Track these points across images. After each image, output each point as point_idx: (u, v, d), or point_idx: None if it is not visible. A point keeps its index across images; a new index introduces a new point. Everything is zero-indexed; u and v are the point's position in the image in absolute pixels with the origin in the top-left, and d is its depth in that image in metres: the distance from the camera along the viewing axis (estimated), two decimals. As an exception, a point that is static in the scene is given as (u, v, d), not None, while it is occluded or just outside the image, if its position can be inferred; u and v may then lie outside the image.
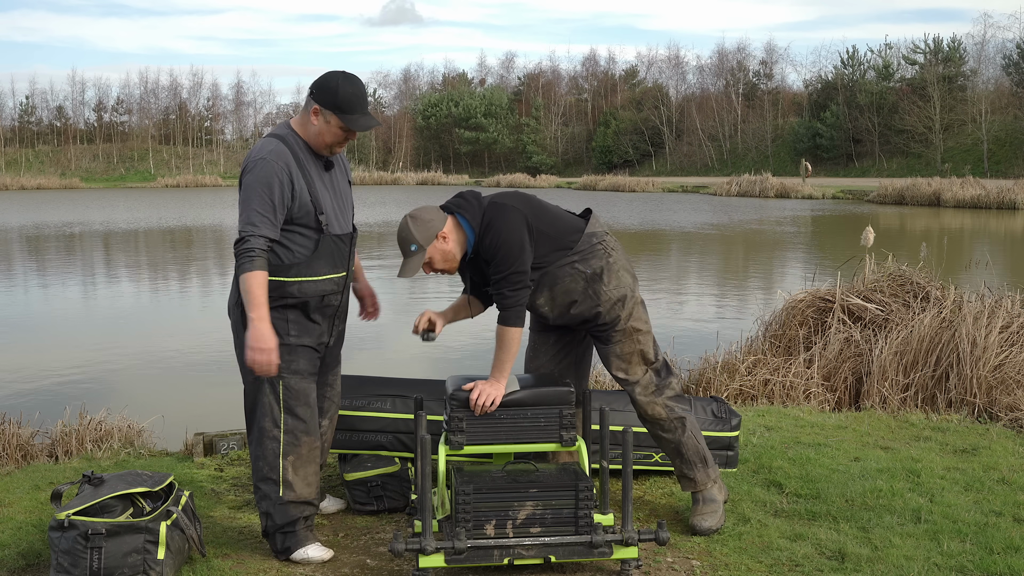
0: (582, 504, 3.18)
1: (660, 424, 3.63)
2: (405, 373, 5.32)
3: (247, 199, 3.22)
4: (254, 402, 3.37)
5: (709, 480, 3.69)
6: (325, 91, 3.28)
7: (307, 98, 3.35)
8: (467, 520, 3.15)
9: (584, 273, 3.46)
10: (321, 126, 3.31)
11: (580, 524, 3.19)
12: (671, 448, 3.68)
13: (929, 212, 31.37)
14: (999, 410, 5.43)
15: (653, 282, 14.25)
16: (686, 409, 3.66)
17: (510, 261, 3.33)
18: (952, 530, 3.62)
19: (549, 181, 63.40)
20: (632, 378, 3.59)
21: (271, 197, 3.20)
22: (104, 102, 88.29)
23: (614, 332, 3.53)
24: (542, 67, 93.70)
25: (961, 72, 64.41)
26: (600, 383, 6.00)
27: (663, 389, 3.61)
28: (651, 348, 3.61)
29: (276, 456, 3.35)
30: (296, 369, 3.35)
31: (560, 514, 3.19)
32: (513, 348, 3.35)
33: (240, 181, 3.31)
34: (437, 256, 3.41)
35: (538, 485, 3.20)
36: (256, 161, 3.25)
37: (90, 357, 8.57)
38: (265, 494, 3.37)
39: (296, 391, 3.36)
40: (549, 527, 3.19)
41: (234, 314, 3.37)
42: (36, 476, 4.44)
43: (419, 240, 3.38)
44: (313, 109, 3.30)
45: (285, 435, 3.34)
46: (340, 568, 3.34)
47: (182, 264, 17.23)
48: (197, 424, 5.28)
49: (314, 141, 3.34)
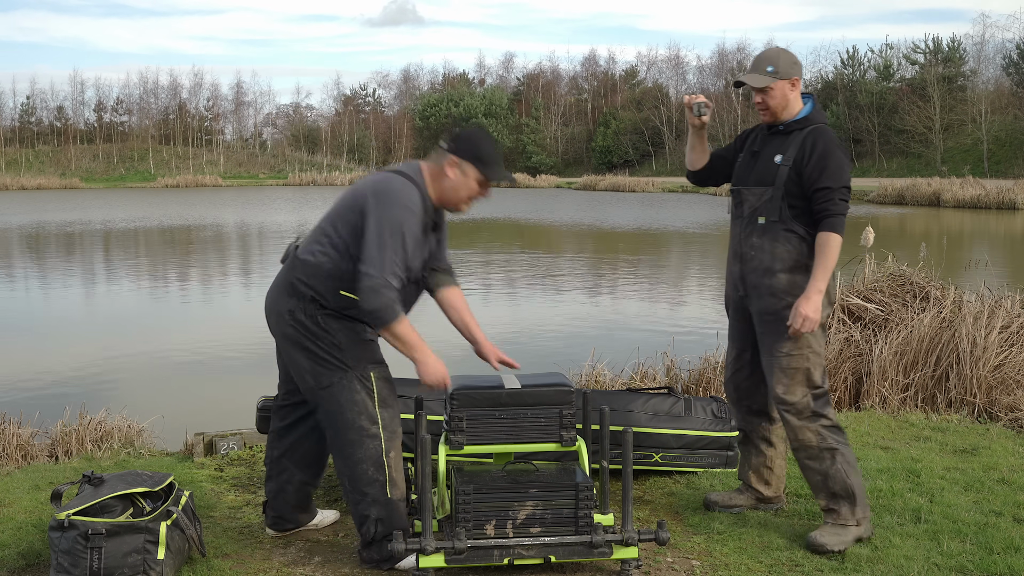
0: (582, 504, 3.18)
1: (808, 450, 3.51)
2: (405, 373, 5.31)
3: (385, 240, 3.08)
4: (339, 405, 3.24)
5: (854, 519, 3.50)
6: (465, 142, 3.26)
7: (439, 151, 3.29)
8: (467, 520, 3.15)
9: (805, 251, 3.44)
10: (458, 179, 3.25)
11: (580, 524, 3.19)
12: (818, 479, 3.53)
13: (929, 212, 31.36)
14: (999, 410, 5.43)
15: (653, 282, 14.25)
16: (841, 442, 3.52)
17: (841, 173, 3.38)
18: (952, 530, 3.62)
19: (549, 181, 63.42)
20: (790, 398, 3.48)
21: (406, 247, 3.11)
22: (104, 102, 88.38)
23: (787, 340, 3.46)
24: (542, 67, 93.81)
25: (961, 72, 64.43)
26: (600, 383, 6.00)
27: (818, 416, 3.50)
28: (818, 373, 3.50)
29: (380, 454, 3.25)
30: (379, 359, 3.30)
31: (560, 514, 3.19)
32: (835, 258, 3.36)
33: (359, 199, 3.18)
34: (778, 94, 3.48)
35: (538, 485, 3.20)
36: (403, 208, 3.13)
37: (90, 357, 8.57)
38: (374, 499, 3.24)
39: (387, 380, 3.31)
40: (549, 527, 3.19)
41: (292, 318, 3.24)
42: (36, 476, 4.44)
43: (780, 68, 3.47)
44: (450, 161, 3.24)
45: (384, 431, 3.26)
46: (340, 568, 3.34)
47: (182, 264, 17.23)
48: (197, 424, 5.28)
49: (447, 196, 3.28)
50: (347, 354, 3.23)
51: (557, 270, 15.62)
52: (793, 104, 3.52)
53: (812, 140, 3.44)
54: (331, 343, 3.22)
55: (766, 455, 3.81)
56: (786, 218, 3.47)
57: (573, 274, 15.09)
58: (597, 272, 15.58)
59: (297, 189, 60.41)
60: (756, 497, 3.86)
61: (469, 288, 13.59)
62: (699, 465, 4.28)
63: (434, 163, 3.30)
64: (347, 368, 3.22)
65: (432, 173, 3.29)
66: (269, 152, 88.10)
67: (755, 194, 3.55)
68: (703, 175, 3.87)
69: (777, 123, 3.55)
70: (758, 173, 3.56)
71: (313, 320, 3.22)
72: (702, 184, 3.94)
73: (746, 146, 3.71)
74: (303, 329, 3.24)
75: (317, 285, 3.22)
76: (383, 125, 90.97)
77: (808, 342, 3.47)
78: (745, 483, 3.88)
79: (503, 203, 37.67)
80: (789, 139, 3.51)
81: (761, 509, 3.87)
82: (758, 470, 3.83)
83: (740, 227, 3.63)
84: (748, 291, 3.59)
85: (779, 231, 3.48)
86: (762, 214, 3.51)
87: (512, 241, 21.89)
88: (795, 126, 3.51)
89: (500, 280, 14.49)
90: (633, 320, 10.59)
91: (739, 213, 3.64)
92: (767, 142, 3.59)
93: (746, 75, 3.54)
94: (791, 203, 3.46)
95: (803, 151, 3.44)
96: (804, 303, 3.34)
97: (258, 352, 8.86)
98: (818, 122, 3.51)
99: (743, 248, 3.60)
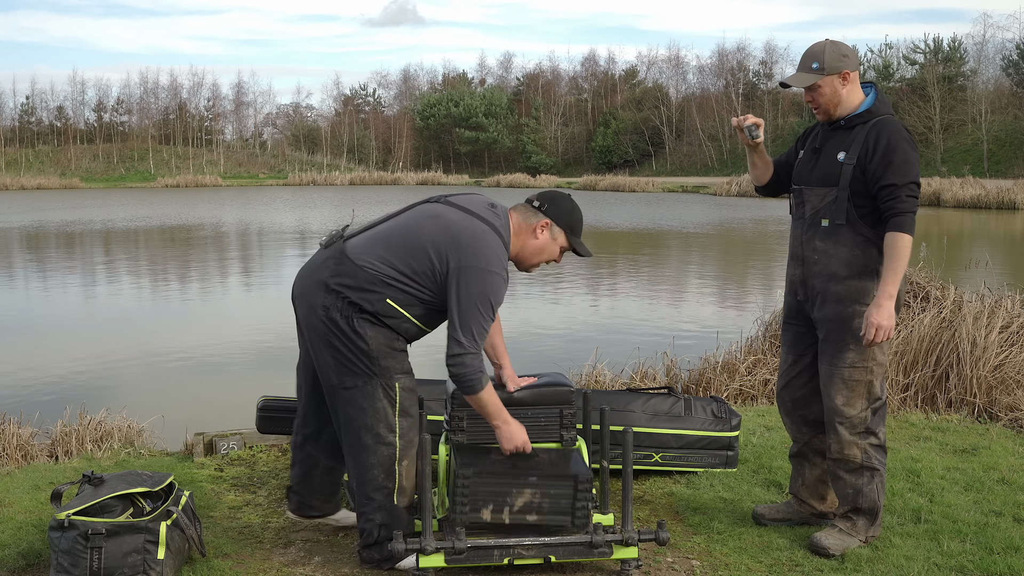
0: (580, 496, 3.16)
1: (849, 464, 3.41)
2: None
3: (479, 311, 3.05)
4: (359, 408, 3.19)
5: (864, 535, 3.45)
6: (561, 209, 3.25)
7: (531, 208, 3.26)
8: (464, 503, 3.13)
9: (874, 254, 3.29)
10: (546, 242, 3.25)
11: (577, 515, 3.17)
12: (848, 492, 3.45)
13: (929, 212, 31.35)
14: (999, 410, 5.43)
15: (654, 282, 14.25)
16: (883, 463, 3.44)
17: (909, 168, 3.21)
18: (952, 530, 3.62)
19: (549, 181, 63.36)
20: (849, 411, 3.37)
21: (494, 312, 3.10)
22: (104, 102, 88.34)
23: (850, 350, 3.34)
24: (542, 67, 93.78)
25: (961, 72, 64.42)
26: (600, 383, 6.00)
27: (870, 434, 3.41)
28: (879, 383, 3.39)
29: (393, 462, 3.21)
30: (407, 369, 3.24)
31: (558, 504, 3.17)
32: (906, 259, 3.19)
33: (447, 251, 3.09)
34: (828, 91, 3.32)
35: (538, 472, 3.19)
36: (497, 276, 3.08)
37: (90, 357, 8.57)
38: (380, 504, 3.23)
39: (410, 390, 3.24)
40: (546, 515, 3.17)
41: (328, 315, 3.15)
42: (36, 476, 4.44)
43: (826, 63, 3.30)
44: (543, 223, 3.23)
45: (400, 439, 3.21)
46: (340, 568, 3.34)
47: (182, 264, 17.23)
48: (197, 424, 5.28)
49: (527, 256, 3.26)
50: (376, 362, 3.15)
51: (557, 270, 15.62)
52: (848, 98, 3.35)
53: (876, 134, 3.27)
54: (361, 349, 3.13)
55: (821, 468, 3.63)
56: (853, 220, 3.30)
57: (573, 274, 15.08)
58: (597, 272, 15.57)
59: (297, 189, 60.40)
60: (810, 512, 3.70)
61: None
62: (699, 465, 4.28)
63: (523, 219, 3.26)
64: (373, 375, 3.17)
65: (518, 228, 3.25)
66: (269, 152, 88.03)
67: (817, 195, 3.39)
68: (771, 187, 3.71)
69: (836, 119, 3.39)
70: (820, 172, 3.40)
71: (348, 322, 3.13)
72: (773, 195, 3.79)
73: (808, 143, 3.53)
74: (335, 328, 3.14)
75: (362, 290, 3.12)
76: (383, 125, 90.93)
77: (874, 354, 3.34)
78: (796, 497, 3.71)
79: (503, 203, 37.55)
80: (852, 134, 3.34)
81: (813, 524, 3.70)
82: (813, 485, 3.66)
83: (801, 229, 3.47)
84: (810, 296, 3.45)
85: (845, 234, 3.32)
86: (825, 216, 3.35)
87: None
88: (857, 120, 3.34)
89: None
90: (633, 320, 10.59)
91: (800, 214, 3.48)
92: (828, 138, 3.42)
93: (791, 76, 3.39)
94: (857, 203, 3.30)
95: (867, 147, 3.27)
96: (876, 312, 3.19)
97: (258, 352, 8.87)
98: (882, 113, 3.33)
99: (805, 252, 3.44)
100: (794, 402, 3.64)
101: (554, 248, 3.28)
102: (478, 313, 3.04)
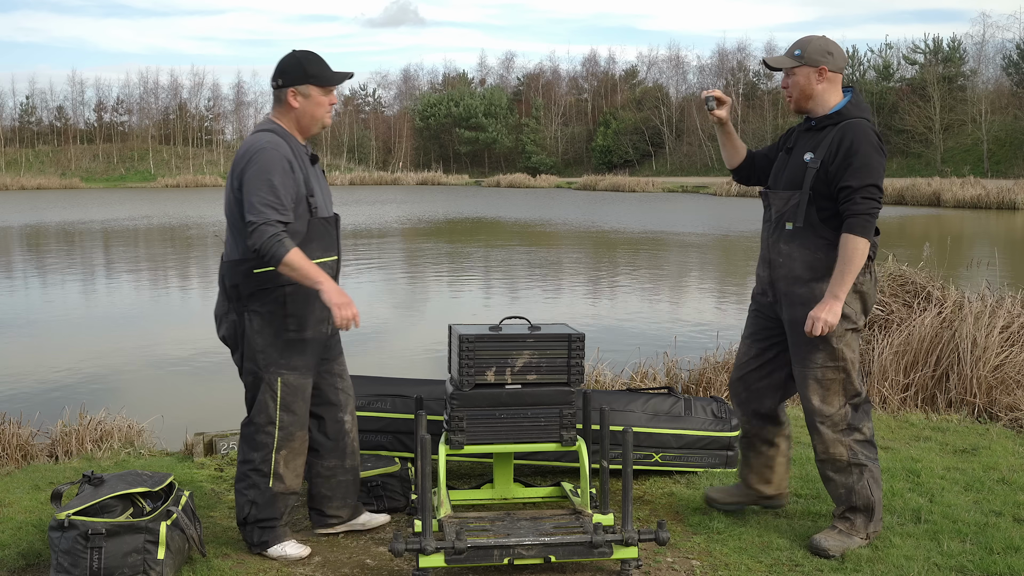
0: (574, 354, 3.37)
1: (837, 464, 3.43)
2: (405, 373, 5.32)
3: (252, 190, 3.18)
4: (253, 398, 3.39)
5: (864, 532, 3.45)
6: (291, 74, 3.33)
7: (275, 92, 3.39)
8: (470, 366, 3.32)
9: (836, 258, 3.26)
10: (304, 105, 3.34)
11: (572, 373, 3.39)
12: (841, 492, 3.46)
13: (930, 212, 31.35)
14: (999, 410, 5.43)
15: (654, 282, 14.25)
16: (871, 458, 3.44)
17: (868, 171, 3.21)
18: (952, 530, 3.62)
19: (549, 181, 63.38)
20: (828, 410, 3.38)
21: (274, 186, 3.18)
22: (104, 102, 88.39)
23: (819, 351, 3.35)
24: (542, 67, 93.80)
25: (961, 72, 64.46)
26: (600, 383, 6.00)
27: (853, 430, 3.41)
28: (856, 378, 3.40)
29: (269, 450, 3.37)
30: (294, 366, 3.35)
31: (554, 363, 3.38)
32: (857, 262, 3.19)
33: (234, 177, 3.27)
34: (801, 80, 3.38)
35: (535, 337, 3.39)
36: (256, 152, 3.23)
37: (90, 357, 8.57)
38: (253, 483, 3.38)
39: (294, 387, 3.36)
40: (544, 373, 3.38)
41: (228, 319, 3.37)
42: (36, 476, 4.43)
43: (807, 53, 3.35)
44: (289, 93, 3.33)
45: (280, 431, 3.36)
46: (340, 568, 3.34)
47: (182, 263, 17.23)
48: (197, 424, 5.28)
49: (306, 123, 3.37)
50: (260, 356, 3.32)
51: (558, 270, 15.62)
52: (823, 96, 3.38)
53: (841, 136, 3.28)
54: (250, 345, 3.32)
55: (767, 455, 3.74)
56: (815, 223, 3.31)
57: (574, 274, 15.09)
58: (597, 272, 15.57)
59: (297, 189, 60.29)
60: (758, 496, 3.81)
61: (470, 288, 13.60)
62: (699, 465, 4.28)
63: (278, 106, 3.38)
64: (259, 369, 3.33)
65: (280, 114, 3.37)
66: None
67: (782, 197, 3.42)
68: (744, 173, 3.73)
69: (810, 117, 3.42)
70: (788, 174, 3.43)
71: (233, 320, 3.35)
72: (747, 183, 3.77)
73: (784, 144, 3.58)
74: (232, 326, 3.37)
75: (236, 278, 3.30)
76: (383, 125, 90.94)
77: (842, 352, 3.35)
78: (745, 483, 3.83)
79: (503, 203, 37.69)
80: (821, 136, 3.36)
81: (764, 506, 3.83)
82: (759, 471, 3.76)
83: (768, 231, 3.50)
84: (778, 298, 3.47)
85: (808, 237, 3.33)
86: (789, 219, 3.37)
87: (513, 241, 21.88)
88: (827, 121, 3.36)
89: (501, 280, 14.49)
90: (633, 320, 10.59)
91: (767, 216, 3.52)
92: (800, 140, 3.45)
93: (773, 57, 3.44)
94: (821, 206, 3.31)
95: (832, 148, 3.28)
96: (819, 307, 3.23)
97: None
98: (853, 116, 3.33)
99: (771, 254, 3.47)
100: (748, 393, 3.67)
101: (317, 99, 3.34)
102: (257, 187, 3.17)
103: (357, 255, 18.09)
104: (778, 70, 3.45)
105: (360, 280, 14.35)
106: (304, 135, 3.41)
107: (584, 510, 3.44)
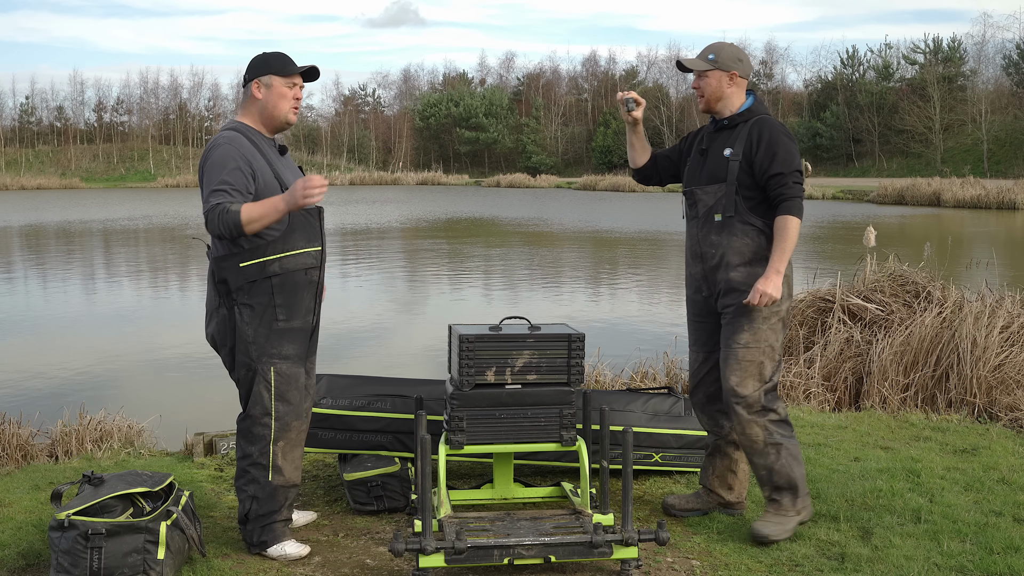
0: (574, 355, 3.38)
1: (754, 445, 3.55)
2: (405, 373, 5.32)
3: (205, 184, 3.26)
4: (248, 391, 3.40)
5: (794, 509, 3.58)
6: (256, 64, 3.39)
7: (242, 91, 3.45)
8: (470, 366, 3.32)
9: (763, 243, 3.49)
10: (267, 96, 3.38)
11: (572, 373, 3.39)
12: (763, 473, 3.59)
13: (929, 212, 31.36)
14: (999, 410, 5.43)
15: (654, 282, 14.25)
16: (787, 436, 3.57)
17: (791, 159, 3.46)
18: (952, 530, 3.62)
19: (549, 181, 63.40)
20: (743, 391, 3.51)
21: (228, 171, 3.22)
22: (104, 102, 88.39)
23: (744, 331, 3.49)
24: (542, 67, 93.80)
25: (961, 72, 64.45)
26: (600, 383, 6.00)
27: (767, 411, 3.54)
28: (770, 367, 3.54)
29: (267, 443, 3.38)
30: (286, 354, 3.36)
31: (554, 363, 3.38)
32: (794, 239, 3.42)
33: (200, 176, 3.34)
34: (714, 83, 3.58)
35: (535, 337, 3.40)
36: (210, 148, 3.31)
37: (90, 357, 8.57)
38: (253, 477, 3.39)
39: (287, 376, 3.37)
40: (544, 373, 3.38)
41: (218, 314, 3.39)
42: (36, 476, 4.43)
43: (720, 58, 3.58)
44: (253, 85, 3.38)
45: (276, 422, 3.37)
46: (340, 568, 3.34)
47: (182, 263, 17.22)
48: (197, 424, 5.28)
49: (271, 115, 3.40)
50: (252, 347, 3.34)
51: (558, 270, 15.62)
52: (732, 99, 3.61)
53: (758, 131, 3.52)
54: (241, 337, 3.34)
55: (732, 458, 3.79)
56: (742, 211, 3.52)
57: (574, 274, 15.09)
58: (597, 272, 15.58)
59: (297, 189, 60.31)
60: (718, 502, 3.84)
61: (470, 288, 13.60)
62: (699, 465, 4.27)
63: (244, 101, 3.43)
64: (252, 360, 3.35)
65: (247, 110, 3.41)
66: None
67: (708, 192, 3.60)
68: (646, 172, 3.96)
69: (721, 118, 3.63)
70: (709, 171, 3.61)
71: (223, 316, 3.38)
72: (646, 182, 4.01)
73: (694, 146, 3.76)
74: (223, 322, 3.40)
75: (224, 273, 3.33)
76: (383, 125, 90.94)
77: (765, 336, 3.51)
78: (706, 488, 3.86)
79: (503, 203, 37.68)
80: (735, 132, 3.58)
81: (722, 513, 3.84)
82: (722, 475, 3.81)
83: (696, 227, 3.66)
84: (713, 290, 3.62)
85: (736, 225, 3.53)
86: (717, 211, 3.56)
87: (513, 241, 21.89)
88: (739, 119, 3.59)
89: (501, 280, 14.49)
90: (633, 320, 10.59)
91: (694, 214, 3.68)
92: (714, 139, 3.67)
93: (688, 59, 3.66)
94: (745, 195, 3.52)
95: (750, 142, 3.51)
96: (762, 281, 3.39)
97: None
98: (760, 113, 3.59)
99: (703, 248, 3.63)
100: (708, 398, 3.78)
101: (279, 91, 3.37)
102: (209, 181, 3.23)
103: (357, 255, 18.10)
104: (692, 71, 3.65)
105: (360, 280, 14.36)
106: (270, 129, 3.43)
107: (584, 510, 3.44)
